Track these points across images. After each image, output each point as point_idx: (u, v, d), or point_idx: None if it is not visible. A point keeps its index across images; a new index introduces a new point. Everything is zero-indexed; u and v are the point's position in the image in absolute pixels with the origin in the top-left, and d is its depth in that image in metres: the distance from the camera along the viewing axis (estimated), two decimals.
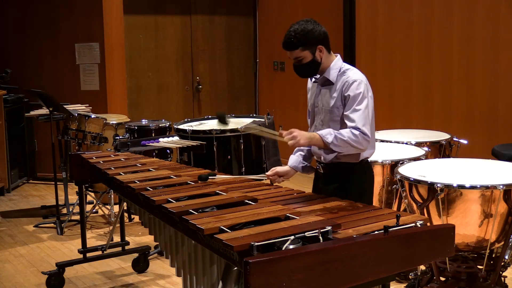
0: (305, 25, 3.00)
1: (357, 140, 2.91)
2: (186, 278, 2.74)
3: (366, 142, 2.94)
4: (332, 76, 3.05)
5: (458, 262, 3.66)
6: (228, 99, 8.32)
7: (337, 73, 3.06)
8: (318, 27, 3.02)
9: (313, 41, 3.01)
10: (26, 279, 4.48)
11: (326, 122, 3.07)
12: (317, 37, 3.01)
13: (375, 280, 2.19)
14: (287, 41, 3.02)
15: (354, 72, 3.06)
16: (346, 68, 3.07)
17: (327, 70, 3.07)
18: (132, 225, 5.64)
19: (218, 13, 8.07)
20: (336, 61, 3.09)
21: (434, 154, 4.51)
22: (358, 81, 2.99)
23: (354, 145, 2.92)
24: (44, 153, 7.12)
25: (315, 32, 3.00)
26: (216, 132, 4.84)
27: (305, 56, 3.02)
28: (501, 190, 3.30)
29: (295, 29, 3.00)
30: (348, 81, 3.00)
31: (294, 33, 2.99)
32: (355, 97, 2.96)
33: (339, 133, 2.92)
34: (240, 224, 2.32)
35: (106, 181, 3.58)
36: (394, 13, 6.44)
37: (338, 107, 3.01)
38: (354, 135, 2.91)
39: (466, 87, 5.81)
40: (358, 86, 2.97)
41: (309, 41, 2.99)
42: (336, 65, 3.08)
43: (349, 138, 2.90)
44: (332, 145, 2.91)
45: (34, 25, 7.11)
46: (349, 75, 3.03)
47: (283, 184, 3.26)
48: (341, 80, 3.03)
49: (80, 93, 6.95)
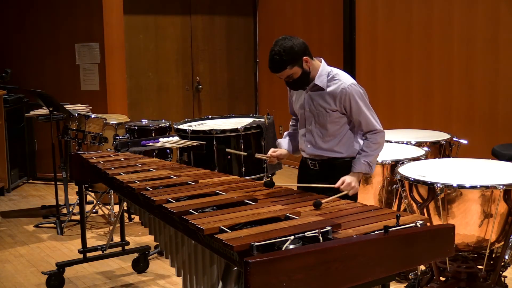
0: (284, 43, 3.06)
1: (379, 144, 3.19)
2: (186, 278, 2.74)
3: (383, 138, 3.20)
4: (322, 82, 3.16)
5: (458, 262, 3.66)
6: (228, 99, 8.33)
7: (326, 79, 3.17)
8: (296, 41, 3.10)
9: (298, 55, 3.08)
10: (26, 279, 4.48)
11: (323, 124, 3.19)
12: (299, 50, 3.08)
13: (375, 280, 2.19)
14: (274, 64, 3.08)
15: (342, 76, 3.18)
16: (335, 73, 3.19)
17: (316, 77, 3.17)
18: (132, 225, 5.64)
19: (218, 13, 8.07)
20: (323, 67, 3.19)
21: (434, 154, 4.52)
22: (352, 86, 3.13)
23: (381, 149, 3.23)
24: (44, 153, 7.12)
25: (296, 46, 3.07)
26: (216, 132, 4.84)
27: (295, 72, 3.10)
28: (501, 190, 3.30)
29: (277, 51, 3.05)
30: (343, 89, 3.12)
31: (278, 56, 3.05)
32: (356, 102, 3.13)
33: (368, 156, 3.16)
34: (240, 224, 2.32)
35: (106, 181, 3.58)
36: (394, 13, 6.44)
37: (336, 110, 3.15)
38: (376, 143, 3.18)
39: (466, 87, 5.81)
40: (352, 92, 3.11)
41: (294, 56, 3.07)
42: (324, 71, 3.19)
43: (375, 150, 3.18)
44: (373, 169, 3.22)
45: (34, 25, 7.11)
46: (341, 80, 3.15)
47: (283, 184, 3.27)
48: (332, 86, 3.15)
49: (80, 93, 6.95)
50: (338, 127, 3.18)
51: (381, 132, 3.18)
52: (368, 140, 3.18)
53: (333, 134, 3.19)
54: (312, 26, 7.48)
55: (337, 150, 3.21)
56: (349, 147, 3.21)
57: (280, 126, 7.87)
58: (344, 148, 3.20)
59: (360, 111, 3.14)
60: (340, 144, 3.20)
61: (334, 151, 3.21)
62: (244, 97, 8.46)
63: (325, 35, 7.28)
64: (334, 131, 3.18)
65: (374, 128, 3.16)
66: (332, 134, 3.19)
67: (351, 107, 3.13)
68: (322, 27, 7.33)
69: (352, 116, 3.16)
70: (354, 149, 3.22)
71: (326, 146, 3.21)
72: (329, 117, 3.16)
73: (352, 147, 3.22)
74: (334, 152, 3.21)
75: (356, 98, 3.12)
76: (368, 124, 3.16)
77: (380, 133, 3.18)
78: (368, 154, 3.16)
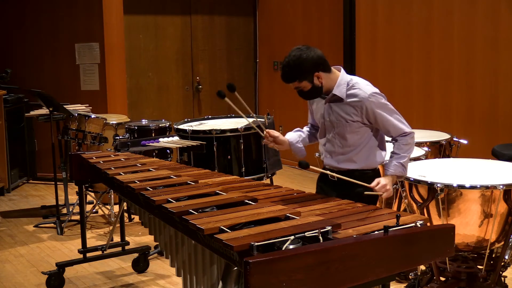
0: (298, 55, 2.96)
1: (410, 144, 3.09)
2: (186, 278, 2.74)
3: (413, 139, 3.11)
4: (341, 92, 3.05)
5: (458, 262, 3.66)
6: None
7: (345, 89, 3.05)
8: (311, 53, 2.97)
9: (308, 71, 2.98)
10: (26, 279, 4.48)
11: (342, 135, 3.09)
12: (311, 66, 2.97)
13: (375, 280, 2.19)
14: (283, 74, 3.03)
15: (362, 85, 3.06)
16: (354, 82, 3.07)
17: (335, 87, 3.06)
18: (132, 225, 5.64)
19: (218, 13, 8.07)
20: (342, 76, 3.08)
21: (434, 154, 4.52)
22: (373, 95, 3.02)
23: (412, 150, 3.13)
24: (44, 153, 7.12)
25: (308, 61, 2.96)
26: (216, 132, 4.84)
27: (305, 86, 3.02)
28: (501, 190, 3.30)
29: (288, 63, 2.98)
30: (363, 99, 3.01)
31: (287, 68, 2.99)
32: (379, 112, 3.03)
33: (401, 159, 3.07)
34: (240, 224, 2.32)
35: (106, 181, 3.58)
36: (394, 13, 6.44)
37: (356, 121, 3.05)
38: (407, 144, 3.08)
39: (466, 87, 5.81)
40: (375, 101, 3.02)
41: (304, 72, 2.97)
42: (343, 80, 3.07)
43: (407, 151, 3.09)
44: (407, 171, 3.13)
45: (34, 25, 7.11)
46: (361, 89, 3.03)
47: (283, 184, 3.26)
48: (353, 97, 3.04)
49: (80, 93, 6.95)
50: (358, 137, 3.08)
51: (410, 133, 3.09)
52: (398, 142, 3.09)
53: (353, 144, 3.09)
54: (312, 26, 7.48)
55: (355, 160, 3.10)
56: (368, 158, 3.11)
57: (280, 126, 7.87)
58: (362, 158, 3.10)
59: (385, 120, 3.04)
60: (359, 154, 3.10)
61: (353, 161, 3.10)
62: (244, 97, 8.40)
63: (325, 35, 7.27)
64: (354, 141, 3.09)
65: (403, 131, 3.07)
66: (352, 144, 3.09)
67: (375, 118, 3.04)
68: (322, 27, 7.33)
69: (379, 126, 3.08)
70: (374, 161, 3.13)
71: (344, 156, 3.11)
72: (349, 127, 3.06)
73: (372, 158, 3.12)
74: (352, 163, 3.10)
75: (378, 108, 3.02)
76: (396, 129, 3.07)
77: (409, 135, 3.08)
78: (400, 156, 3.07)
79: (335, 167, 3.16)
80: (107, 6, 6.86)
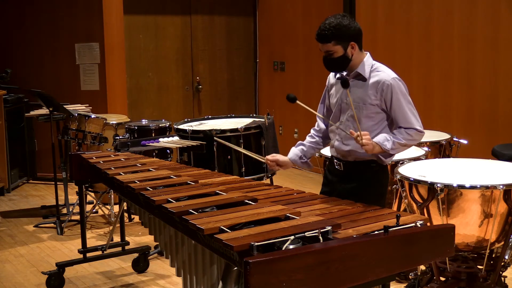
0: (341, 19, 2.98)
1: (413, 139, 2.99)
2: (186, 278, 2.74)
3: (419, 135, 3.01)
4: (366, 72, 3.03)
5: (458, 262, 3.66)
6: (228, 99, 8.33)
7: (369, 69, 3.04)
8: (354, 23, 3.00)
9: (347, 37, 2.98)
10: (26, 279, 4.48)
11: (358, 118, 3.01)
12: (351, 33, 2.98)
13: (375, 280, 2.19)
14: (321, 33, 2.99)
15: (386, 69, 3.05)
16: (378, 65, 3.06)
17: (360, 65, 3.04)
18: (132, 225, 5.64)
19: (218, 13, 8.07)
20: (368, 58, 3.07)
21: (434, 154, 4.52)
22: (395, 79, 2.99)
23: (411, 144, 3.02)
24: (44, 153, 7.12)
25: (350, 28, 2.98)
26: (216, 132, 4.84)
27: (337, 51, 2.99)
28: (501, 190, 3.30)
29: (330, 22, 2.97)
30: (385, 81, 2.98)
31: (328, 26, 2.96)
32: (397, 96, 2.97)
33: (396, 138, 2.97)
34: (240, 224, 2.32)
35: (106, 181, 3.58)
36: (394, 13, 6.44)
37: (375, 104, 3.00)
38: (410, 136, 2.98)
39: (466, 87, 5.82)
40: (394, 85, 2.97)
41: (343, 36, 2.97)
42: (368, 62, 3.06)
43: (406, 140, 2.98)
44: (392, 151, 2.99)
45: (34, 25, 7.12)
46: (385, 72, 3.02)
47: (283, 184, 3.26)
48: (375, 77, 3.01)
49: (80, 93, 6.95)
50: (373, 123, 3.03)
51: (419, 132, 2.99)
52: (403, 129, 2.99)
53: (366, 130, 2.99)
54: (312, 26, 7.47)
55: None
56: None
57: (280, 126, 7.87)
58: None
59: (400, 106, 2.97)
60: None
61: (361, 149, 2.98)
62: (244, 97, 8.46)
63: None
64: (368, 127, 3.01)
65: (412, 125, 2.98)
66: (365, 129, 2.97)
67: (392, 101, 2.97)
68: None
69: (391, 111, 3.00)
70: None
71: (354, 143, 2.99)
72: (366, 110, 3.01)
73: None
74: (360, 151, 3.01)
75: (397, 92, 2.97)
76: (406, 120, 2.98)
77: (417, 131, 2.98)
78: (394, 136, 2.97)
79: (345, 153, 3.11)
80: (107, 6, 6.86)
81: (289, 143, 7.73)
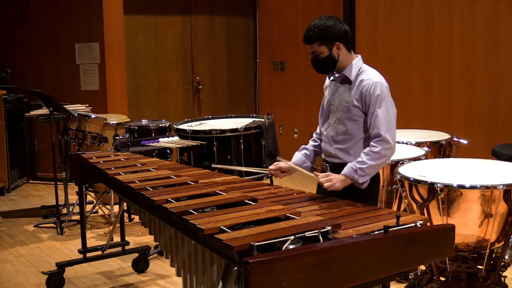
0: (325, 20, 3.00)
1: (380, 156, 2.92)
2: (186, 278, 2.74)
3: (388, 151, 2.93)
4: (352, 74, 3.04)
5: (458, 262, 3.65)
6: (228, 99, 8.33)
7: (356, 72, 3.04)
8: (339, 24, 3.01)
9: (331, 37, 2.99)
10: (26, 279, 4.48)
11: (342, 120, 3.04)
12: (335, 34, 3.00)
13: (375, 280, 2.19)
14: (305, 34, 3.03)
15: (373, 73, 3.04)
16: (366, 69, 3.06)
17: (347, 68, 3.05)
18: (132, 225, 5.64)
19: (218, 13, 8.07)
20: (357, 61, 3.07)
21: (434, 154, 4.51)
22: (378, 83, 2.97)
23: (380, 162, 2.93)
24: (44, 153, 7.12)
25: (335, 28, 2.99)
26: (216, 132, 4.84)
27: (322, 51, 3.01)
28: (501, 190, 3.30)
29: (315, 24, 3.00)
30: (367, 83, 2.97)
31: (313, 27, 2.99)
32: (375, 101, 2.95)
33: (360, 163, 2.92)
34: (240, 224, 2.32)
35: (106, 181, 3.58)
36: (394, 13, 6.44)
37: (357, 106, 3.00)
38: (377, 154, 2.91)
39: (466, 87, 5.82)
40: (376, 89, 2.95)
41: (327, 36, 2.99)
42: (357, 65, 3.06)
43: (374, 160, 2.91)
44: (361, 179, 2.94)
45: (34, 25, 7.12)
46: (369, 76, 3.01)
47: (283, 184, 3.26)
48: (359, 80, 3.01)
49: (80, 93, 6.95)
50: (358, 126, 3.01)
51: (386, 143, 2.91)
52: (370, 147, 2.93)
53: (351, 133, 3.01)
54: None
55: (351, 153, 3.03)
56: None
57: (280, 126, 7.87)
58: (358, 152, 3.00)
59: (374, 110, 2.94)
60: (355, 147, 3.02)
61: (348, 153, 3.03)
62: (244, 97, 8.46)
63: None
64: (352, 130, 3.01)
65: (379, 133, 2.91)
66: (350, 133, 3.02)
67: (369, 104, 2.95)
68: None
69: (368, 115, 2.97)
70: None
71: (340, 145, 3.04)
72: (349, 113, 3.00)
73: None
74: (346, 155, 3.03)
75: (377, 96, 2.94)
76: (376, 126, 2.93)
77: (385, 143, 2.91)
78: (361, 161, 2.92)
79: (331, 154, 3.12)
80: (107, 6, 6.86)
81: (289, 143, 7.77)
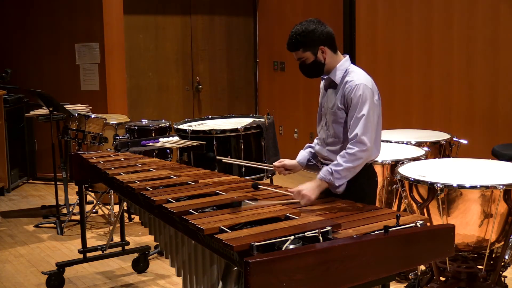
0: (307, 25, 2.95)
1: (354, 159, 2.83)
2: (186, 278, 2.74)
3: (364, 153, 2.84)
4: (337, 77, 2.99)
5: (458, 262, 3.65)
6: (228, 99, 8.33)
7: (342, 75, 2.99)
8: (321, 28, 2.96)
9: (315, 42, 2.95)
10: (26, 279, 4.48)
11: (329, 123, 3.01)
12: (318, 38, 2.95)
13: (375, 280, 2.19)
14: (289, 42, 3.00)
15: (358, 74, 2.97)
16: (351, 70, 2.99)
17: (333, 70, 3.01)
18: (132, 225, 5.64)
19: (218, 13, 8.07)
20: (343, 62, 3.02)
21: (434, 154, 4.51)
22: (361, 84, 2.89)
23: (356, 165, 2.85)
24: (44, 153, 7.12)
25: (317, 32, 2.95)
26: (216, 132, 4.84)
27: (307, 57, 2.98)
28: (501, 190, 3.29)
29: (297, 30, 2.96)
30: (350, 84, 2.92)
31: (295, 34, 2.96)
32: (356, 102, 2.88)
33: (336, 165, 2.86)
34: (240, 224, 2.32)
35: (106, 181, 3.58)
36: (394, 13, 6.44)
37: (342, 109, 2.95)
38: (353, 156, 2.83)
39: (466, 87, 5.82)
40: (358, 90, 2.88)
41: (310, 42, 2.95)
42: (343, 66, 3.01)
43: (350, 162, 2.83)
44: (338, 181, 2.86)
45: (34, 25, 7.11)
46: (353, 77, 2.94)
47: (283, 184, 3.26)
48: (344, 82, 2.96)
49: (80, 93, 6.95)
50: (344, 130, 2.96)
51: (363, 145, 2.82)
52: (346, 149, 2.86)
53: (338, 135, 2.98)
54: None
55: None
56: None
57: (280, 126, 7.87)
58: None
59: (354, 111, 2.85)
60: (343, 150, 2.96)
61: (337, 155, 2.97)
62: (244, 97, 8.46)
63: None
64: (339, 133, 2.97)
65: (355, 135, 2.82)
66: (337, 135, 2.99)
67: (350, 105, 2.87)
68: None
69: (348, 115, 2.90)
70: None
71: (331, 147, 3.02)
72: (335, 116, 2.97)
73: None
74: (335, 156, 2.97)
75: (359, 97, 2.85)
76: (354, 128, 2.84)
77: (361, 145, 2.82)
78: (337, 164, 2.84)
79: (324, 157, 3.10)
80: (107, 6, 6.86)
81: (289, 143, 7.78)
